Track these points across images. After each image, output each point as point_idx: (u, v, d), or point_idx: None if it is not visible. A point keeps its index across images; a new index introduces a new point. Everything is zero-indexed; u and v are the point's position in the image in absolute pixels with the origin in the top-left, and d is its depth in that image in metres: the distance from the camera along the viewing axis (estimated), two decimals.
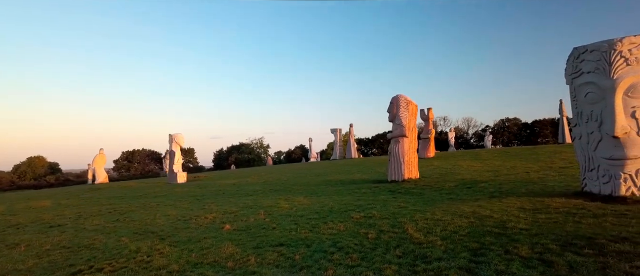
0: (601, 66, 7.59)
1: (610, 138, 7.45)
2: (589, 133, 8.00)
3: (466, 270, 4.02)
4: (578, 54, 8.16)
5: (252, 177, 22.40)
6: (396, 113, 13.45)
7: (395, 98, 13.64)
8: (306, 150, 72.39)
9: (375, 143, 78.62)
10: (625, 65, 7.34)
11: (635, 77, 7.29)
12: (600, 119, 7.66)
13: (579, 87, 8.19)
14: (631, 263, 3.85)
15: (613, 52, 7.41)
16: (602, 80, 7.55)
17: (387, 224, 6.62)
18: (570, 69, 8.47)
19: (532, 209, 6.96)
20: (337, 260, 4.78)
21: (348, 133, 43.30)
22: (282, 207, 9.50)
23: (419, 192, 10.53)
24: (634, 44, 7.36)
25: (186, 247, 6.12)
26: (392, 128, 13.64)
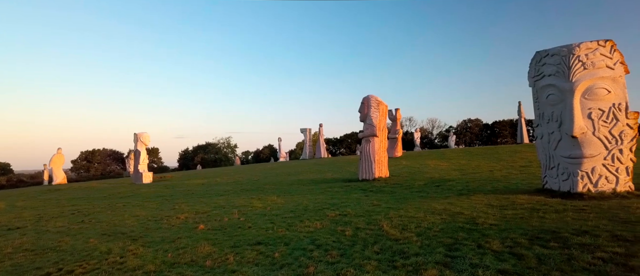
0: (561, 69, 8.01)
1: (569, 137, 7.87)
2: (550, 133, 8.43)
3: (443, 265, 4.14)
4: (540, 58, 8.58)
5: (221, 176, 22.02)
6: (367, 113, 13.64)
7: (366, 98, 13.83)
8: (275, 149, 71.95)
9: (344, 143, 79.29)
10: (582, 68, 7.78)
11: (591, 81, 7.75)
12: (560, 120, 8.09)
13: (541, 89, 8.60)
14: (593, 254, 4.10)
15: (572, 56, 7.85)
16: (562, 82, 7.97)
17: (362, 221, 6.70)
18: (532, 71, 8.88)
19: (499, 206, 7.25)
20: (317, 257, 4.80)
21: (317, 133, 43.41)
22: (256, 206, 9.41)
23: (391, 190, 10.73)
24: (589, 49, 7.83)
25: (161, 247, 5.94)
26: (363, 128, 13.82)
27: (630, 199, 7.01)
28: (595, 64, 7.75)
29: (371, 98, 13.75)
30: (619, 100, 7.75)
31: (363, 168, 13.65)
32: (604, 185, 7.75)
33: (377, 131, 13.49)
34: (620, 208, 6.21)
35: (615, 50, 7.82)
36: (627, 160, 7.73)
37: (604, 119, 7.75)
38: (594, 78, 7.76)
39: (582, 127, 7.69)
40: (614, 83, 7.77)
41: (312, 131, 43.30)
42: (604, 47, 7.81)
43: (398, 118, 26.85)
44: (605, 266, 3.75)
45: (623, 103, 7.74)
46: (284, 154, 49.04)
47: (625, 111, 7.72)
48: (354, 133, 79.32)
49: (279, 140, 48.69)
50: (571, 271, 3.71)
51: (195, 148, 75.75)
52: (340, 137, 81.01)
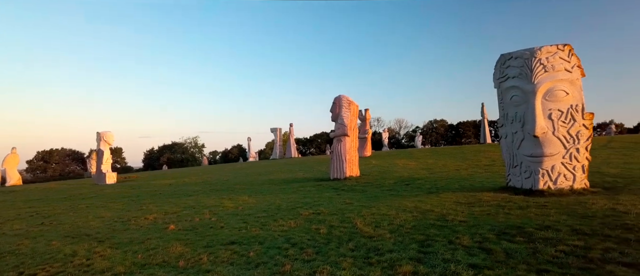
0: (524, 72, 8.35)
1: (531, 137, 8.22)
2: (514, 132, 8.78)
3: (416, 260, 4.23)
4: (505, 60, 8.91)
5: (189, 177, 21.53)
6: (338, 112, 13.73)
7: (337, 98, 13.92)
8: (244, 149, 71.05)
9: (314, 142, 79.42)
10: (543, 71, 8.15)
11: (551, 83, 8.13)
12: (523, 120, 8.43)
13: (505, 91, 8.94)
14: (556, 248, 4.31)
15: (534, 59, 8.20)
16: (525, 84, 8.31)
17: (336, 220, 6.74)
18: (497, 73, 9.21)
19: (467, 203, 7.48)
20: (292, 255, 4.79)
21: (288, 133, 43.27)
22: (227, 206, 9.26)
23: (362, 189, 10.85)
24: (550, 53, 8.21)
25: (129, 249, 5.75)
26: (335, 128, 13.90)
27: (586, 195, 7.41)
28: (555, 67, 8.14)
29: (342, 99, 13.85)
30: (576, 101, 8.17)
31: (334, 167, 13.73)
32: (562, 182, 8.15)
33: (348, 131, 13.60)
34: (578, 204, 6.55)
35: (573, 54, 8.24)
36: (583, 159, 8.17)
37: (563, 120, 8.15)
38: (553, 81, 8.13)
39: (543, 127, 8.04)
40: (572, 86, 8.18)
41: (282, 131, 43.13)
42: (562, 51, 8.20)
43: (367, 118, 27.22)
44: (567, 259, 3.95)
45: (580, 105, 8.17)
46: (253, 154, 48.57)
47: (581, 112, 8.15)
48: (324, 133, 79.60)
49: (249, 140, 48.19)
50: (536, 264, 3.88)
51: (161, 148, 73.61)
52: (311, 137, 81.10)
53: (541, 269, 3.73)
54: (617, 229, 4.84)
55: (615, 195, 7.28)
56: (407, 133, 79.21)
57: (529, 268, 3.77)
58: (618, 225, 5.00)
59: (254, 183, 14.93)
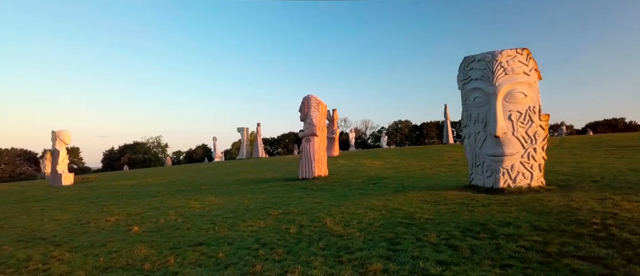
0: (486, 74, 8.66)
1: (492, 137, 8.54)
2: (476, 133, 9.08)
3: (386, 258, 4.30)
4: (468, 63, 9.21)
5: (152, 177, 20.85)
6: (307, 112, 13.74)
7: (306, 98, 13.92)
8: (209, 149, 69.68)
9: (281, 142, 79.10)
10: (504, 74, 8.49)
11: (511, 85, 8.48)
12: (485, 121, 8.73)
13: (468, 92, 9.23)
14: (517, 243, 4.51)
15: (495, 62, 8.52)
16: (487, 86, 8.62)
17: (306, 219, 6.73)
18: (461, 75, 9.50)
19: (432, 201, 7.68)
20: (262, 255, 4.74)
21: (255, 133, 42.82)
22: (193, 207, 9.04)
23: (331, 188, 10.91)
24: (510, 56, 8.56)
25: (90, 252, 5.48)
26: (304, 127, 13.90)
27: (542, 193, 7.79)
28: (515, 70, 8.49)
29: (311, 98, 13.87)
30: (533, 103, 8.57)
31: (303, 167, 13.73)
32: (521, 180, 8.53)
33: (317, 130, 13.64)
34: (536, 201, 6.88)
35: (531, 58, 8.64)
36: (539, 158, 8.59)
37: (522, 121, 8.52)
38: (513, 83, 8.48)
39: (504, 128, 8.37)
40: (530, 88, 8.58)
41: (249, 130, 42.64)
42: (521, 55, 8.58)
43: (335, 118, 27.44)
44: (528, 254, 4.13)
45: (537, 107, 8.58)
46: (219, 154, 47.72)
47: (538, 113, 8.56)
48: (291, 133, 79.40)
49: (214, 140, 47.30)
50: (500, 259, 4.04)
51: (122, 148, 70.93)
52: (278, 137, 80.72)
53: (504, 264, 3.88)
54: (572, 224, 5.12)
55: (569, 192, 7.70)
56: (373, 133, 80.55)
57: (493, 263, 3.92)
58: (572, 221, 5.29)
59: (220, 184, 14.67)
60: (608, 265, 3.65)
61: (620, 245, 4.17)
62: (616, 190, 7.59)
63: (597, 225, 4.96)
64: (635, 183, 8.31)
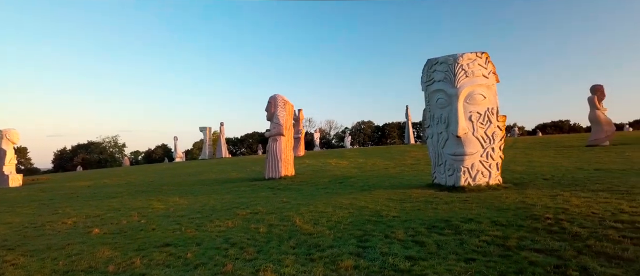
0: (448, 76, 8.99)
1: (454, 137, 8.87)
2: (439, 133, 9.40)
3: (356, 255, 4.38)
4: (431, 65, 9.51)
5: (110, 178, 19.98)
6: (274, 112, 13.67)
7: (272, 97, 13.85)
8: (169, 149, 67.64)
9: (245, 142, 78.08)
10: (465, 76, 8.85)
11: (471, 87, 8.85)
12: (447, 121, 9.06)
13: (431, 94, 9.54)
14: (479, 238, 4.73)
15: (457, 65, 8.86)
16: (449, 88, 8.94)
17: (275, 218, 6.71)
18: (425, 77, 9.80)
19: (398, 199, 7.89)
20: (233, 255, 4.69)
21: (217, 132, 42.01)
22: (157, 208, 8.76)
23: (298, 188, 10.92)
24: (470, 59, 8.93)
25: (47, 256, 5.18)
26: (270, 127, 13.82)
27: (500, 190, 8.20)
28: (475, 73, 8.87)
29: (278, 98, 13.82)
30: (492, 105, 9.00)
31: (269, 166, 13.65)
32: (480, 179, 8.93)
33: (283, 130, 13.60)
34: (494, 198, 7.24)
35: (489, 61, 9.06)
36: (497, 157, 9.04)
37: (481, 121, 8.92)
38: (473, 85, 8.86)
39: (465, 128, 8.73)
40: (489, 90, 9.00)
41: (212, 130, 41.76)
42: (480, 59, 8.98)
43: (301, 118, 27.48)
44: (489, 248, 4.35)
45: (495, 108, 9.01)
46: (180, 154, 46.37)
47: (496, 114, 9.00)
48: (255, 133, 78.55)
49: (175, 139, 45.92)
50: (464, 253, 4.23)
51: (75, 148, 67.31)
52: (242, 137, 79.61)
53: (468, 258, 4.07)
54: (528, 220, 5.44)
55: (523, 189, 8.16)
56: (337, 133, 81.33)
57: (458, 258, 4.10)
58: (528, 216, 5.62)
59: (183, 184, 14.30)
60: (561, 256, 3.92)
61: (571, 238, 4.48)
62: (565, 187, 8.12)
63: (550, 220, 5.30)
64: (581, 180, 8.93)
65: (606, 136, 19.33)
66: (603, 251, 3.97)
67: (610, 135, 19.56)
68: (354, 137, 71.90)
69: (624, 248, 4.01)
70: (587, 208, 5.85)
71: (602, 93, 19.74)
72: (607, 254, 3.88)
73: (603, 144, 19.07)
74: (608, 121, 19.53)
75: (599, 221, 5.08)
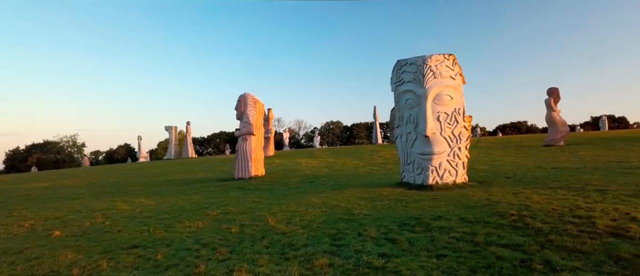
0: (417, 77, 9.18)
1: (422, 137, 9.07)
2: (408, 133, 9.59)
3: (330, 253, 4.39)
4: (401, 66, 9.69)
5: (69, 179, 19.05)
6: (244, 111, 13.48)
7: (242, 96, 13.66)
8: (132, 149, 65.47)
9: (211, 142, 76.68)
10: (433, 77, 9.07)
11: (439, 88, 9.08)
12: (416, 121, 9.26)
13: (400, 94, 9.71)
14: (449, 235, 4.87)
15: (425, 66, 9.07)
16: (418, 89, 9.14)
17: (247, 218, 6.62)
18: (394, 78, 9.96)
19: (369, 198, 7.99)
20: (205, 255, 4.58)
21: (183, 132, 40.99)
22: (122, 209, 8.42)
23: (269, 188, 10.83)
24: (438, 61, 9.17)
25: (4, 260, 4.85)
26: (240, 126, 13.62)
27: (466, 188, 8.48)
28: (442, 74, 9.11)
29: (248, 97, 13.64)
30: (459, 105, 9.28)
31: (239, 166, 13.45)
32: (447, 177, 9.19)
33: (254, 129, 13.45)
34: (461, 196, 7.48)
35: (456, 63, 9.34)
36: (463, 156, 9.33)
37: (448, 122, 9.17)
38: (441, 86, 9.10)
39: (433, 128, 8.95)
40: (456, 92, 9.28)
41: (178, 129, 40.69)
42: (448, 60, 9.24)
43: (270, 118, 27.33)
44: (459, 244, 4.49)
45: (461, 109, 9.30)
46: (145, 154, 44.89)
47: (463, 115, 9.29)
48: (222, 133, 77.29)
49: (139, 139, 44.43)
50: (435, 250, 4.34)
51: (29, 148, 63.69)
52: (208, 136, 78.13)
53: (439, 254, 4.18)
54: (493, 216, 5.66)
55: (488, 187, 8.47)
56: (307, 133, 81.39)
57: (430, 254, 4.20)
58: (493, 213, 5.85)
59: (149, 185, 13.84)
60: (526, 250, 4.10)
61: (535, 233, 4.70)
62: (526, 184, 8.51)
63: (515, 216, 5.53)
64: (540, 178, 9.38)
65: (561, 136, 20.41)
66: (564, 245, 4.19)
67: (565, 135, 20.66)
68: (323, 137, 72.23)
69: (582, 241, 4.24)
70: (547, 205, 6.15)
71: (558, 95, 20.82)
72: (568, 248, 4.10)
73: (558, 144, 20.12)
74: (563, 122, 20.62)
75: (559, 217, 5.35)
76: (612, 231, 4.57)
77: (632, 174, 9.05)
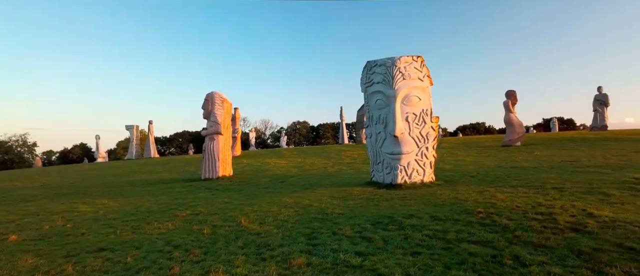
0: (387, 78, 9.33)
1: (392, 137, 9.24)
2: (377, 133, 9.73)
3: (307, 252, 4.38)
4: (370, 67, 9.81)
5: (20, 180, 17.87)
6: (211, 110, 13.18)
7: (210, 95, 13.34)
8: (89, 149, 62.53)
9: (174, 142, 74.54)
10: (402, 79, 9.25)
11: (408, 89, 9.27)
12: (385, 122, 9.41)
13: (370, 95, 9.83)
14: (421, 233, 4.98)
15: (394, 67, 9.24)
16: (387, 90, 9.29)
17: (218, 219, 6.48)
18: (364, 78, 10.08)
19: (341, 197, 8.03)
20: (178, 257, 4.44)
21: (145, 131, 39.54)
22: (83, 211, 8.00)
23: (238, 188, 10.64)
24: (407, 62, 9.36)
25: None
26: (207, 126, 13.29)
27: (433, 187, 8.71)
28: (411, 76, 9.31)
29: (216, 96, 13.34)
30: (426, 106, 9.51)
31: (206, 166, 13.13)
32: (415, 177, 9.41)
33: (221, 129, 13.17)
34: (430, 195, 7.67)
35: (424, 65, 9.57)
36: (431, 156, 9.59)
37: (417, 122, 9.39)
38: (410, 87, 9.29)
39: (402, 128, 9.13)
40: (423, 93, 9.50)
41: (139, 128, 39.19)
42: (416, 62, 9.45)
43: (237, 117, 26.89)
44: (432, 241, 4.60)
45: (429, 109, 9.54)
46: (103, 154, 42.87)
47: (430, 116, 9.53)
48: (186, 132, 75.32)
49: (97, 138, 42.34)
50: (409, 247, 4.42)
51: None
52: (170, 136, 75.86)
53: (414, 251, 4.26)
54: (462, 214, 5.84)
55: (454, 186, 8.75)
56: (273, 133, 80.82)
57: (405, 252, 4.27)
58: (462, 211, 6.04)
59: (111, 186, 13.23)
60: (495, 246, 4.26)
61: (502, 230, 4.90)
62: (490, 183, 8.85)
63: (482, 214, 5.75)
64: (502, 177, 9.80)
65: (518, 137, 21.40)
66: (530, 240, 4.39)
67: (521, 136, 21.69)
68: (289, 137, 71.97)
69: (546, 237, 4.47)
70: (511, 202, 6.43)
71: (515, 97, 21.81)
72: (534, 243, 4.30)
73: (516, 144, 21.09)
74: (520, 123, 21.64)
75: (523, 214, 5.61)
76: (572, 227, 4.84)
77: (584, 172, 9.63)
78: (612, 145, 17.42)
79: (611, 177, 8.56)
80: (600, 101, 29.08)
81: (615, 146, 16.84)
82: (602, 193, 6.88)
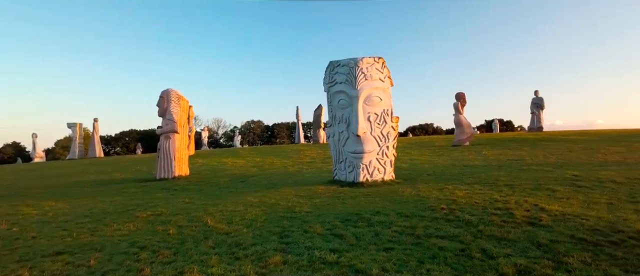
0: (349, 79, 9.46)
1: (354, 136, 9.39)
2: (340, 132, 9.83)
3: (281, 251, 4.32)
4: (333, 67, 9.90)
5: None
6: (167, 108, 12.64)
7: (165, 92, 12.79)
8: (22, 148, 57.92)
9: (120, 141, 70.75)
10: (364, 79, 9.42)
11: (370, 90, 9.46)
12: (348, 121, 9.53)
13: (333, 95, 9.92)
14: (391, 229, 5.10)
15: (357, 68, 9.38)
16: (350, 90, 9.42)
17: (183, 219, 6.23)
18: (327, 78, 10.14)
19: (306, 195, 8.02)
20: (146, 259, 4.22)
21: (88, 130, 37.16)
22: (29, 214, 7.34)
23: (197, 188, 10.29)
24: (369, 63, 9.55)
25: None
26: (163, 124, 12.73)
27: (394, 185, 8.95)
28: (373, 76, 9.51)
29: (171, 93, 12.81)
30: (387, 107, 9.76)
31: (161, 166, 12.57)
32: (377, 175, 9.62)
33: (177, 127, 12.68)
34: (393, 193, 7.88)
35: (385, 66, 9.81)
36: (391, 155, 9.85)
37: (378, 122, 9.60)
38: (371, 88, 9.48)
39: (364, 128, 9.30)
40: (384, 93, 9.74)
41: (82, 126, 36.73)
42: (378, 63, 9.67)
43: (191, 115, 26.03)
44: (402, 237, 4.72)
45: (390, 110, 9.79)
46: (40, 153, 39.69)
47: (391, 116, 9.79)
48: (133, 131, 71.74)
49: (34, 137, 39.15)
50: (381, 243, 4.51)
51: None
52: (116, 135, 71.89)
53: (386, 247, 4.35)
54: (427, 210, 6.05)
55: (414, 184, 9.04)
56: (226, 132, 79.05)
57: (378, 248, 4.35)
58: (426, 207, 6.26)
59: (55, 187, 12.27)
60: (462, 241, 4.46)
61: (466, 225, 5.14)
62: (447, 181, 9.24)
63: (446, 210, 5.99)
64: (457, 175, 10.27)
65: (467, 137, 22.53)
66: (493, 234, 4.64)
67: (470, 136, 22.85)
68: (243, 137, 70.77)
69: (507, 231, 4.75)
70: (470, 199, 6.76)
71: (464, 99, 22.94)
72: (497, 237, 4.55)
73: (465, 144, 22.19)
74: (469, 124, 22.80)
75: (482, 210, 5.92)
76: (528, 221, 5.18)
77: (529, 170, 10.33)
78: (549, 145, 18.85)
79: (554, 174, 9.25)
80: (536, 104, 31.31)
81: (552, 146, 18.24)
82: (548, 189, 7.41)
